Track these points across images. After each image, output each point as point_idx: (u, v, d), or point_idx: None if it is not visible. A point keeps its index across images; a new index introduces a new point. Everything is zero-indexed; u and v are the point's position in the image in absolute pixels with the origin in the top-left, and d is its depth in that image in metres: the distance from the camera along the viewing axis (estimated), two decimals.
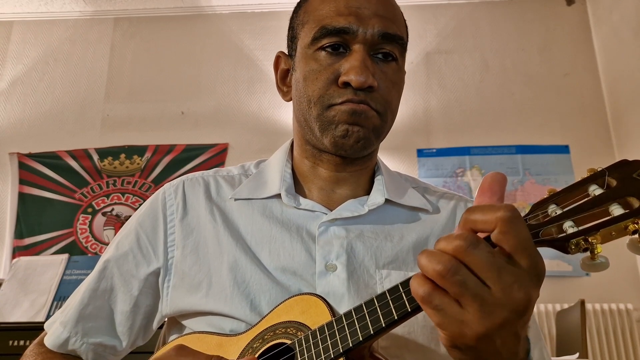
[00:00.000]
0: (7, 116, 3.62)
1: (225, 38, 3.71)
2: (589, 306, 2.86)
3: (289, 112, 0.89)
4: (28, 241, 3.33)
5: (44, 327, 0.81)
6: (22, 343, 1.93)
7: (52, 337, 0.77)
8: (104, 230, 3.36)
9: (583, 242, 0.47)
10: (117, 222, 3.37)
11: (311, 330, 0.59)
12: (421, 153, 3.40)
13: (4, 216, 3.40)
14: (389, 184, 0.80)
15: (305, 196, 0.79)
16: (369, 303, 0.54)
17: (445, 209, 0.82)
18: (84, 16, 3.82)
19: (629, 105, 3.14)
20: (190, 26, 3.76)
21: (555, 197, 0.50)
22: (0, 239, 3.35)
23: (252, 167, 0.87)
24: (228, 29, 3.73)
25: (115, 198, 3.43)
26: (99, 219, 3.39)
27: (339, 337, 0.55)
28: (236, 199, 0.79)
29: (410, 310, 0.51)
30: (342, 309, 0.64)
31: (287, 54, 0.82)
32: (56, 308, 2.10)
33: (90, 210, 3.40)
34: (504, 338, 0.46)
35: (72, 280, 2.20)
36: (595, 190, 0.48)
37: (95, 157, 3.51)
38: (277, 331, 0.62)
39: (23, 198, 3.42)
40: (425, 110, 3.47)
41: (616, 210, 0.46)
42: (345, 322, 0.55)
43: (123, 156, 3.51)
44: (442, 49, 3.59)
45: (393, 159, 3.30)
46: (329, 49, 0.72)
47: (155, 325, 0.80)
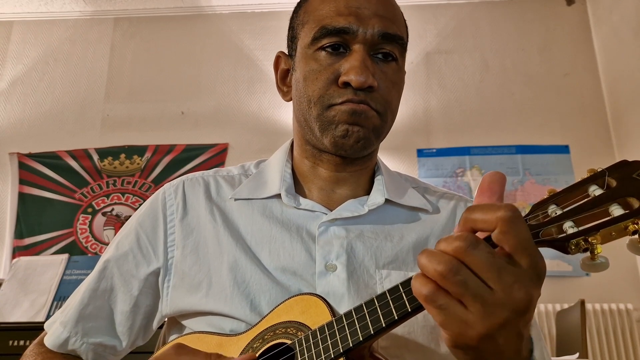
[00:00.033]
0: (7, 116, 3.62)
1: (225, 38, 3.71)
2: (589, 306, 2.86)
3: (289, 112, 0.89)
4: (28, 241, 3.33)
5: (44, 327, 0.81)
6: (22, 343, 1.93)
7: (52, 337, 0.78)
8: (104, 230, 3.36)
9: (583, 243, 0.47)
10: (117, 222, 3.37)
11: (311, 330, 0.59)
12: (421, 153, 3.39)
13: (4, 216, 3.40)
14: (389, 184, 0.80)
15: (305, 196, 0.79)
16: (369, 303, 0.54)
17: (445, 209, 0.82)
18: (84, 16, 3.82)
19: (629, 105, 3.14)
20: (190, 26, 3.76)
21: (555, 198, 0.50)
22: (0, 239, 3.35)
23: (252, 167, 0.87)
24: (228, 29, 3.73)
25: (115, 198, 3.43)
26: (99, 219, 3.39)
27: (339, 337, 0.55)
28: (236, 199, 0.79)
29: (410, 310, 0.51)
30: (342, 309, 0.64)
31: (287, 54, 0.82)
32: (56, 308, 2.10)
33: (90, 210, 3.40)
34: (506, 338, 0.46)
35: (72, 280, 2.20)
36: (595, 191, 0.48)
37: (95, 157, 3.51)
38: (277, 331, 0.62)
39: (23, 198, 3.42)
40: (425, 110, 3.47)
41: (616, 211, 0.46)
42: (346, 322, 0.55)
43: (123, 156, 3.51)
44: (442, 49, 3.59)
45: (393, 159, 3.30)
46: (329, 49, 0.72)
47: (155, 325, 0.80)
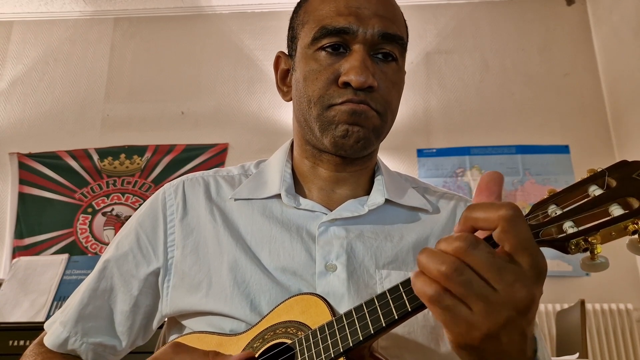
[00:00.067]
0: (7, 116, 3.62)
1: (225, 38, 3.71)
2: (589, 306, 2.86)
3: (289, 112, 0.89)
4: (28, 241, 3.33)
5: (44, 327, 0.81)
6: (22, 343, 1.93)
7: (51, 336, 0.78)
8: (104, 230, 3.36)
9: (583, 242, 0.47)
10: (117, 222, 3.37)
11: (311, 329, 0.59)
12: (421, 153, 3.39)
13: (4, 216, 3.40)
14: (389, 184, 0.80)
15: (305, 196, 0.79)
16: (369, 303, 0.54)
17: (445, 209, 0.82)
18: (84, 16, 3.82)
19: (629, 105, 3.14)
20: (190, 26, 3.76)
21: (555, 198, 0.50)
22: (0, 239, 3.35)
23: (252, 167, 0.87)
24: (228, 29, 3.73)
25: (115, 198, 3.43)
26: (99, 219, 3.39)
27: (339, 337, 0.55)
28: (236, 199, 0.79)
29: (410, 309, 0.51)
30: (342, 309, 0.64)
31: (287, 54, 0.82)
32: (56, 308, 2.10)
33: (90, 210, 3.40)
34: (509, 337, 0.46)
35: (72, 280, 2.20)
36: (595, 191, 0.48)
37: (95, 157, 3.51)
38: (278, 331, 0.62)
39: (23, 198, 3.42)
40: (425, 110, 3.47)
41: (616, 211, 0.46)
42: (346, 322, 0.55)
43: (123, 156, 3.51)
44: (442, 49, 3.59)
45: (393, 159, 3.30)
46: (329, 49, 0.72)
47: (155, 325, 0.80)
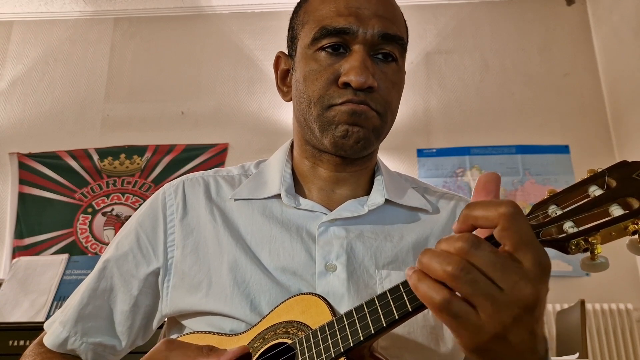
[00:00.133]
0: (7, 116, 3.62)
1: (225, 38, 3.71)
2: (589, 306, 2.86)
3: (289, 112, 0.89)
4: (28, 241, 3.33)
5: (44, 327, 0.81)
6: (22, 343, 1.93)
7: (51, 336, 0.78)
8: (104, 230, 3.36)
9: (583, 243, 0.47)
10: (117, 222, 3.37)
11: (312, 329, 0.59)
12: (421, 153, 3.39)
13: (4, 216, 3.40)
14: (388, 184, 0.80)
15: (305, 196, 0.79)
16: (370, 303, 0.54)
17: (445, 209, 0.82)
18: (84, 16, 3.82)
19: (629, 105, 3.14)
20: (190, 26, 3.76)
21: (556, 198, 0.50)
22: (0, 239, 3.35)
23: (252, 167, 0.87)
24: (228, 29, 3.73)
25: (115, 198, 3.43)
26: (99, 219, 3.39)
27: (339, 337, 0.55)
28: (236, 199, 0.79)
29: (411, 310, 0.51)
30: (341, 309, 0.64)
31: (287, 54, 0.82)
32: (56, 308, 2.10)
33: (90, 210, 3.40)
34: (518, 336, 0.45)
35: (72, 280, 2.20)
36: (595, 191, 0.48)
37: (95, 157, 3.51)
38: (278, 331, 0.62)
39: (23, 198, 3.42)
40: (425, 110, 3.47)
41: (616, 211, 0.46)
42: (346, 322, 0.55)
43: (123, 156, 3.51)
44: (442, 49, 3.59)
45: (393, 159, 3.30)
46: (329, 50, 0.72)
47: (155, 325, 0.80)
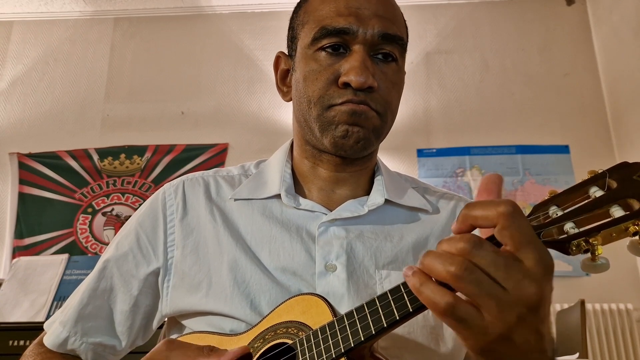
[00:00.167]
0: (7, 116, 3.62)
1: (225, 38, 3.71)
2: (589, 306, 2.86)
3: (289, 112, 0.89)
4: (28, 241, 3.33)
5: (44, 327, 0.81)
6: (22, 343, 1.93)
7: (51, 336, 0.78)
8: (104, 230, 3.36)
9: (584, 244, 0.47)
10: (117, 222, 3.37)
11: (312, 330, 0.59)
12: (421, 153, 3.39)
13: (4, 216, 3.39)
14: (388, 184, 0.80)
15: (305, 196, 0.79)
16: (371, 303, 0.54)
17: (445, 209, 0.82)
18: (84, 16, 3.81)
19: (629, 105, 3.14)
20: (190, 26, 3.76)
21: (556, 199, 0.50)
22: (0, 239, 3.35)
23: (252, 167, 0.87)
24: (228, 29, 3.73)
25: (115, 198, 3.43)
26: (99, 219, 3.39)
27: (340, 337, 0.55)
28: (236, 199, 0.79)
29: (411, 310, 0.50)
30: (342, 309, 0.64)
31: (287, 54, 0.82)
32: (56, 308, 2.10)
33: (90, 210, 3.40)
34: (524, 337, 0.45)
35: (72, 280, 2.20)
36: (596, 192, 0.48)
37: (95, 157, 3.51)
38: (278, 331, 0.62)
39: (23, 198, 3.42)
40: (425, 110, 3.46)
41: (617, 212, 0.46)
42: (347, 322, 0.55)
43: (123, 156, 3.51)
44: (442, 49, 3.58)
45: (393, 159, 3.30)
46: (329, 50, 0.72)
47: (155, 325, 0.80)
